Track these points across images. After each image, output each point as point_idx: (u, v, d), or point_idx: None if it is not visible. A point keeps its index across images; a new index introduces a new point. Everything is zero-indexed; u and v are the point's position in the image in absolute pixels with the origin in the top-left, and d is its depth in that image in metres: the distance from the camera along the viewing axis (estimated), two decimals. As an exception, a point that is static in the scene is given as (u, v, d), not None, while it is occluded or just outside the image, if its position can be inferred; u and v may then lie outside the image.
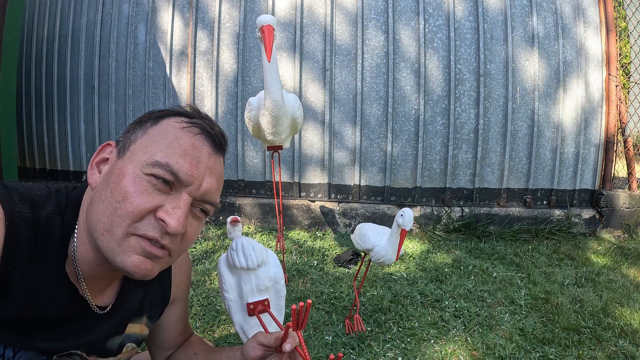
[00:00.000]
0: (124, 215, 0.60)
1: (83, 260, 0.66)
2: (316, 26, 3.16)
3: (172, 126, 0.66)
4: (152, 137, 0.65)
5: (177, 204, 0.63)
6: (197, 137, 0.66)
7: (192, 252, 2.61)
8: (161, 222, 0.61)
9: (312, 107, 3.17)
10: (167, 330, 0.92)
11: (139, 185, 0.61)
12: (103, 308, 0.72)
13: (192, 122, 0.67)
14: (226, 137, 0.72)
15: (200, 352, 0.93)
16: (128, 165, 0.63)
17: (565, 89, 3.14)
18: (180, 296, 0.92)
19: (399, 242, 1.48)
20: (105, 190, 0.62)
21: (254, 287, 1.02)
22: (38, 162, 4.02)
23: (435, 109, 3.11)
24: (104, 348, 0.74)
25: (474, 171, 3.15)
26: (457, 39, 3.08)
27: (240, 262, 1.02)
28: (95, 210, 0.62)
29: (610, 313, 1.97)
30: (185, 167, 0.63)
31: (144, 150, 0.63)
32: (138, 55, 3.41)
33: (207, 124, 0.68)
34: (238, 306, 1.04)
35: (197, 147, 0.65)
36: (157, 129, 0.66)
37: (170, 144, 0.64)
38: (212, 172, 0.67)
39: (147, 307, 0.82)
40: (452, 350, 1.64)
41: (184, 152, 0.64)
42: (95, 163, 0.68)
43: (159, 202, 0.62)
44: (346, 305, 1.98)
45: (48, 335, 0.66)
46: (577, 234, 3.07)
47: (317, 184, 3.23)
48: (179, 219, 0.62)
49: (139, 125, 0.67)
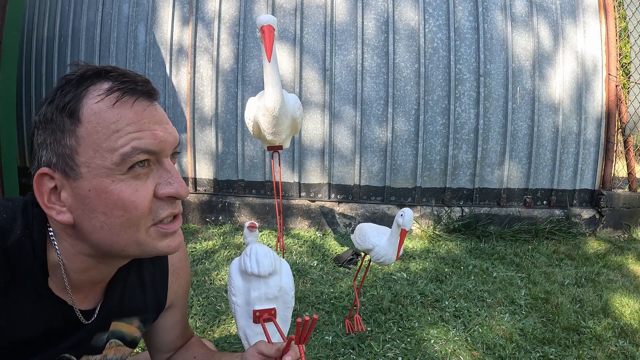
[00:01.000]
0: (136, 221, 0.58)
1: (72, 273, 0.63)
2: (316, 26, 3.16)
3: (99, 110, 0.57)
4: (91, 136, 0.56)
5: (168, 173, 0.61)
6: (135, 103, 0.59)
7: (192, 252, 2.61)
8: (167, 197, 0.60)
9: (312, 106, 3.17)
10: (164, 334, 0.92)
11: (126, 187, 0.57)
12: (89, 312, 0.70)
13: (112, 91, 0.58)
14: (147, 79, 0.64)
15: (199, 355, 0.92)
16: (98, 180, 0.56)
17: (566, 89, 3.14)
18: (177, 302, 0.90)
19: (399, 242, 1.48)
20: (94, 217, 0.58)
21: (263, 295, 1.02)
22: (38, 162, 4.02)
23: (435, 109, 3.11)
24: (90, 346, 0.72)
25: (474, 171, 3.15)
26: (457, 39, 3.08)
27: (251, 268, 1.02)
28: (100, 238, 0.59)
29: (610, 313, 1.97)
30: (150, 138, 0.58)
31: (99, 155, 0.56)
32: (138, 55, 3.41)
33: (128, 82, 0.59)
34: (244, 311, 1.03)
35: (140, 112, 0.59)
36: (87, 126, 0.56)
37: (120, 129, 0.56)
38: (165, 120, 0.63)
39: (137, 310, 0.80)
40: (452, 350, 1.64)
41: (137, 127, 0.58)
42: (47, 201, 0.59)
43: (152, 185, 0.60)
44: (346, 305, 1.98)
45: (38, 350, 0.65)
46: (577, 234, 3.07)
47: (317, 184, 3.23)
48: (181, 184, 0.61)
49: (58, 132, 0.57)
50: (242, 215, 3.20)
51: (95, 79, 0.59)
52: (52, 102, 0.58)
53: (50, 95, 0.59)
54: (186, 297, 0.95)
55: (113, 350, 0.78)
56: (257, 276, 1.02)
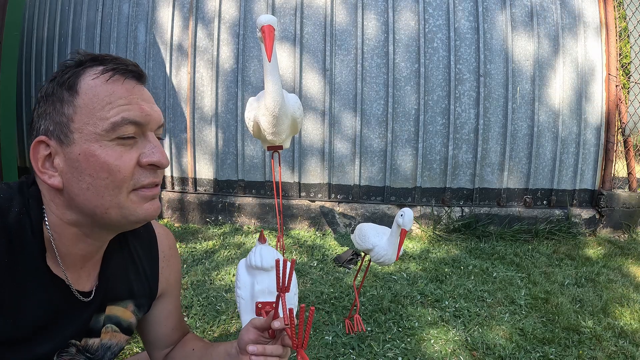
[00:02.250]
0: (119, 184, 0.63)
1: (62, 247, 0.67)
2: (316, 26, 3.16)
3: (95, 85, 0.64)
4: (87, 106, 0.63)
5: (151, 145, 0.67)
6: (126, 82, 0.67)
7: (192, 252, 2.61)
8: (149, 166, 0.66)
9: (312, 106, 3.17)
10: (160, 326, 0.92)
11: (112, 152, 0.63)
12: (86, 294, 0.72)
13: (107, 70, 0.65)
14: (137, 64, 0.72)
15: (198, 348, 0.93)
16: (88, 144, 0.62)
17: (566, 88, 3.14)
18: (169, 290, 0.92)
19: (399, 242, 1.48)
20: (82, 179, 0.63)
21: (266, 289, 1.09)
22: (38, 162, 4.02)
23: (435, 109, 3.11)
24: (89, 328, 0.75)
25: (474, 171, 3.15)
26: (457, 39, 3.08)
27: (255, 261, 1.10)
28: (85, 200, 0.64)
29: (610, 313, 1.97)
30: (137, 111, 0.65)
31: (92, 123, 0.63)
32: (138, 55, 3.41)
33: (120, 64, 0.67)
34: (248, 306, 1.08)
35: (130, 89, 0.67)
36: (83, 97, 0.63)
37: (112, 102, 0.64)
38: (150, 100, 0.70)
39: (131, 293, 0.82)
40: (452, 350, 1.64)
41: (127, 101, 0.65)
42: (41, 166, 0.64)
43: (136, 153, 0.65)
44: (346, 305, 1.98)
45: (45, 336, 0.66)
46: (577, 234, 3.07)
47: (317, 184, 3.23)
48: (163, 154, 0.67)
49: (58, 104, 0.64)
50: (242, 215, 3.20)
51: (92, 62, 0.67)
52: (54, 80, 0.66)
53: (52, 75, 0.67)
54: (178, 287, 0.96)
55: (109, 336, 0.79)
56: (261, 269, 1.08)
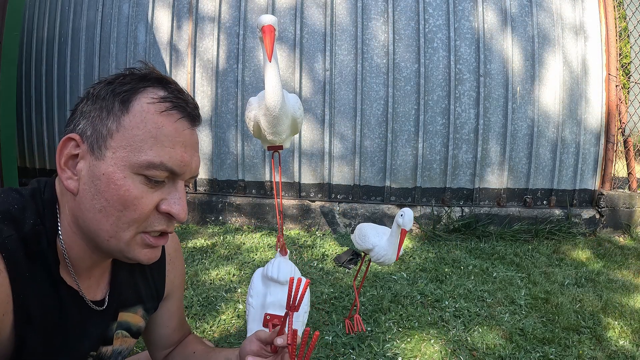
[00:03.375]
0: (130, 222, 0.61)
1: (73, 257, 0.65)
2: (316, 26, 3.16)
3: (148, 111, 0.61)
4: (131, 131, 0.60)
5: (177, 194, 0.63)
6: (179, 121, 0.63)
7: (192, 252, 2.61)
8: (166, 214, 0.62)
9: (312, 106, 3.17)
10: (162, 327, 0.92)
11: (134, 188, 0.59)
12: (98, 303, 0.72)
13: (165, 100, 0.62)
14: (197, 105, 0.69)
15: (199, 351, 0.93)
16: (114, 169, 0.59)
17: (566, 89, 3.14)
18: (173, 292, 0.92)
19: (399, 242, 1.48)
20: (97, 199, 0.60)
21: (277, 302, 1.08)
22: (38, 162, 4.02)
23: (435, 109, 3.11)
24: (105, 337, 0.75)
25: (474, 171, 3.15)
26: (457, 39, 3.08)
27: (272, 273, 1.10)
28: (93, 219, 0.61)
29: (610, 313, 1.97)
30: (178, 159, 0.62)
31: (129, 150, 0.59)
32: (138, 55, 3.41)
33: (181, 99, 0.64)
34: (257, 315, 1.07)
35: (180, 132, 0.63)
36: (132, 118, 0.60)
37: (156, 138, 0.60)
38: (195, 148, 0.66)
39: (140, 299, 0.82)
40: (452, 350, 1.64)
41: (172, 143, 0.61)
42: (64, 163, 0.62)
43: (159, 197, 0.62)
44: (346, 305, 1.98)
45: (64, 351, 0.66)
46: (577, 234, 3.07)
47: (317, 184, 3.23)
48: (184, 208, 0.63)
49: (105, 112, 0.61)
50: (242, 215, 3.20)
51: (156, 83, 0.63)
52: (110, 84, 0.62)
53: (110, 78, 0.64)
54: (182, 288, 0.96)
55: (120, 341, 0.79)
56: (276, 281, 1.07)
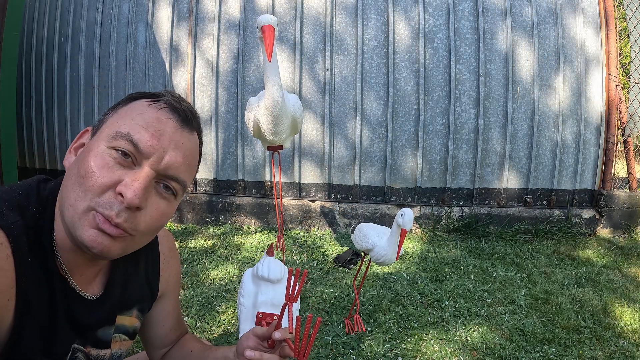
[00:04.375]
0: (86, 190, 0.60)
1: (63, 247, 0.65)
2: (316, 26, 3.16)
3: (140, 104, 0.67)
4: (120, 115, 0.66)
5: (137, 177, 0.62)
6: (161, 111, 0.66)
7: (192, 252, 2.61)
8: (119, 196, 0.60)
9: (312, 106, 3.17)
10: (158, 327, 0.92)
11: (100, 160, 0.61)
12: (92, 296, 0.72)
13: (159, 99, 0.68)
14: (196, 114, 0.71)
15: (196, 350, 0.93)
16: (94, 143, 0.64)
17: (566, 89, 3.14)
18: (169, 291, 0.92)
19: (399, 242, 1.48)
20: (73, 169, 0.64)
21: (269, 300, 1.08)
22: (38, 162, 4.02)
23: (435, 109, 3.11)
24: (96, 338, 0.74)
25: (474, 171, 3.15)
26: (457, 39, 3.08)
27: (262, 272, 1.10)
28: (64, 187, 0.64)
29: (610, 313, 1.97)
30: (146, 137, 0.63)
31: (110, 127, 0.65)
32: (138, 55, 3.41)
33: (174, 100, 0.68)
34: (249, 314, 1.07)
35: (161, 120, 0.65)
36: (125, 108, 0.67)
37: (134, 118, 0.65)
38: (177, 146, 0.66)
39: (136, 301, 0.82)
40: (452, 350, 1.64)
41: (146, 124, 0.64)
42: (74, 148, 0.70)
43: (119, 177, 0.61)
44: (346, 305, 1.98)
45: (57, 337, 0.66)
46: (577, 234, 3.07)
47: (317, 184, 3.23)
48: (135, 190, 0.60)
49: (112, 108, 0.69)
50: (242, 215, 3.20)
51: (162, 94, 0.70)
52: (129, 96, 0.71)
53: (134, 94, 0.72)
54: (177, 288, 0.97)
55: (118, 345, 0.79)
56: (267, 280, 1.07)
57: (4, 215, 0.59)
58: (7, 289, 0.57)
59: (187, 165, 0.68)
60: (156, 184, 0.65)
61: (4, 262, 0.57)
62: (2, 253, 0.57)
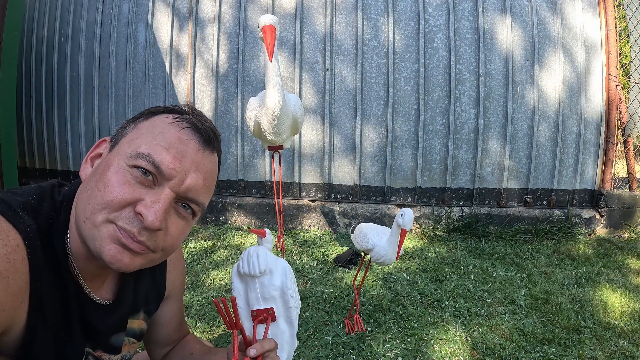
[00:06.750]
0: (105, 204, 0.60)
1: (76, 255, 0.65)
2: (316, 26, 3.16)
3: (161, 121, 0.65)
4: (140, 130, 0.65)
5: (157, 198, 0.61)
6: (184, 131, 0.64)
7: (192, 252, 2.61)
8: (139, 216, 0.60)
9: (312, 107, 3.17)
10: (162, 327, 0.93)
11: (120, 176, 0.60)
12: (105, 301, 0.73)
13: (182, 117, 0.66)
14: (218, 134, 0.70)
15: (197, 352, 0.93)
16: (114, 157, 0.63)
17: (566, 88, 3.14)
18: (174, 293, 0.92)
19: (399, 242, 1.48)
20: (91, 181, 0.63)
21: (259, 295, 1.03)
22: (38, 162, 4.02)
23: (435, 109, 3.11)
24: (108, 344, 0.74)
25: (474, 171, 3.15)
26: (457, 39, 3.08)
27: (243, 268, 1.03)
28: (80, 199, 0.63)
29: (610, 313, 1.97)
30: (168, 159, 0.61)
31: (130, 143, 0.63)
32: (138, 55, 3.41)
33: (197, 120, 0.67)
34: (245, 313, 1.04)
35: (183, 140, 0.64)
36: (147, 123, 0.66)
37: (155, 137, 0.63)
38: (198, 167, 0.65)
39: (144, 303, 0.83)
40: (452, 350, 1.64)
41: (168, 145, 0.62)
42: (90, 158, 0.69)
43: (139, 195, 0.60)
44: (346, 305, 1.98)
45: (71, 341, 0.66)
46: (577, 234, 3.07)
47: (317, 184, 3.23)
48: (156, 213, 0.60)
49: (132, 121, 0.68)
50: (242, 215, 3.20)
51: (183, 110, 0.69)
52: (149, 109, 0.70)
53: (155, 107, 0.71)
54: (182, 289, 0.97)
55: (127, 348, 0.80)
56: (250, 276, 1.03)
57: (20, 217, 0.59)
58: (21, 291, 0.57)
59: (206, 187, 0.67)
60: (175, 203, 0.65)
61: (19, 264, 0.56)
62: (17, 255, 0.56)
